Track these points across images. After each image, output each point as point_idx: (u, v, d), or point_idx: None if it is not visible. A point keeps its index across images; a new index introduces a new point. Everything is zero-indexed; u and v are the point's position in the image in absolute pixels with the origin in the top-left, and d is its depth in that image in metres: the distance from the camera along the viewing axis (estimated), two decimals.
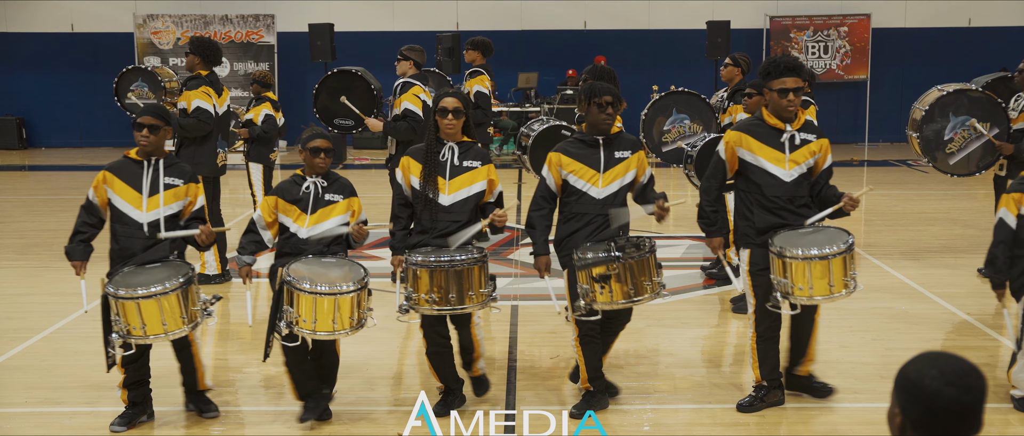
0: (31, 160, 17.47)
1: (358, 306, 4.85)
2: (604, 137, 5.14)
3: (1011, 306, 5.31)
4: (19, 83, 18.60)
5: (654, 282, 4.99)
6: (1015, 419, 5.22)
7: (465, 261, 4.90)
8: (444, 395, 5.28)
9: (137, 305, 4.68)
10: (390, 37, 16.97)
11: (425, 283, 4.89)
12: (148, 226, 4.97)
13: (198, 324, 4.89)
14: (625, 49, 17.91)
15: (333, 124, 9.21)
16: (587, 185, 5.10)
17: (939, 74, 11.90)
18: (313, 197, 5.10)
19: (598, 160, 5.11)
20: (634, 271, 4.91)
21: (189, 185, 5.09)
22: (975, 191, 12.04)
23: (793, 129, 5.09)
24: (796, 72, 5.00)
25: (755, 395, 5.30)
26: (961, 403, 2.12)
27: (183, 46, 9.68)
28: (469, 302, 4.93)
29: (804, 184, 5.13)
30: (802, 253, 4.89)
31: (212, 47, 7.98)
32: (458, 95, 5.17)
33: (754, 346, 5.26)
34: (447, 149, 5.16)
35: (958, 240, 9.63)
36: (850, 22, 17.83)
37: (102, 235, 5.20)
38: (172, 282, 4.74)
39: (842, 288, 4.97)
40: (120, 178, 5.04)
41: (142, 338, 4.74)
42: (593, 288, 4.92)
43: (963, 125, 7.99)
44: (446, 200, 5.10)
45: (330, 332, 4.83)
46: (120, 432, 5.04)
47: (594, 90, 5.10)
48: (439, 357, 5.21)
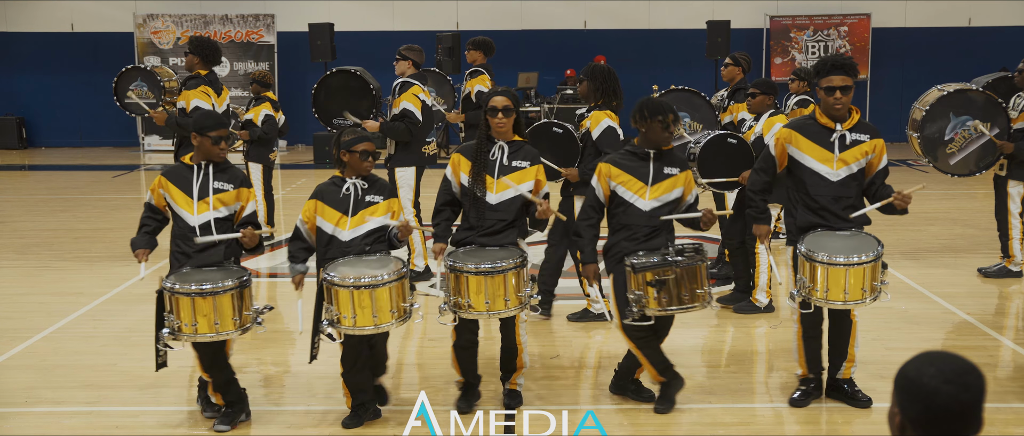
0: (31, 160, 17.47)
1: (399, 297, 4.84)
2: (655, 151, 5.17)
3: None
4: (19, 83, 18.61)
5: (705, 290, 5.02)
6: (1015, 419, 5.22)
7: (505, 266, 4.92)
8: (464, 390, 5.33)
9: (192, 301, 4.71)
10: (390, 37, 16.97)
11: (466, 288, 4.93)
12: (198, 229, 4.99)
13: (248, 329, 4.89)
14: (625, 49, 17.91)
15: (332, 124, 9.21)
16: (634, 197, 5.13)
17: (939, 74, 11.89)
18: (354, 199, 5.08)
19: (647, 173, 5.15)
20: (687, 278, 4.94)
21: (239, 190, 5.10)
22: (975, 191, 12.04)
23: (844, 129, 5.10)
24: (843, 70, 5.02)
25: (805, 389, 5.36)
26: (959, 402, 2.12)
27: (183, 46, 9.71)
28: (507, 306, 4.96)
29: (852, 185, 5.12)
30: (827, 258, 4.90)
31: (211, 47, 7.98)
32: (508, 94, 5.22)
33: (800, 342, 5.31)
34: (497, 148, 5.22)
35: (958, 240, 9.63)
36: (850, 22, 17.84)
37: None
38: (228, 283, 4.76)
39: (859, 297, 4.95)
40: (173, 182, 5.08)
41: (191, 336, 4.76)
42: (647, 293, 4.94)
43: (963, 125, 7.98)
44: (493, 199, 5.16)
45: (375, 327, 4.83)
46: (224, 432, 5.05)
47: (656, 108, 5.11)
48: (466, 352, 5.26)
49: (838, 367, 5.37)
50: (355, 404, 5.12)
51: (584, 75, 6.68)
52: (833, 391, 5.40)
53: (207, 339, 4.80)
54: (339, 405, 5.33)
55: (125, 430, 5.15)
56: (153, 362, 4.95)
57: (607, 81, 6.60)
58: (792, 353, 5.51)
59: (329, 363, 6.09)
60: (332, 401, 5.45)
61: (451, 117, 10.09)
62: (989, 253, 8.74)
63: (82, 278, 8.41)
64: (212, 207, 5.01)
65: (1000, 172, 8.04)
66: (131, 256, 5.23)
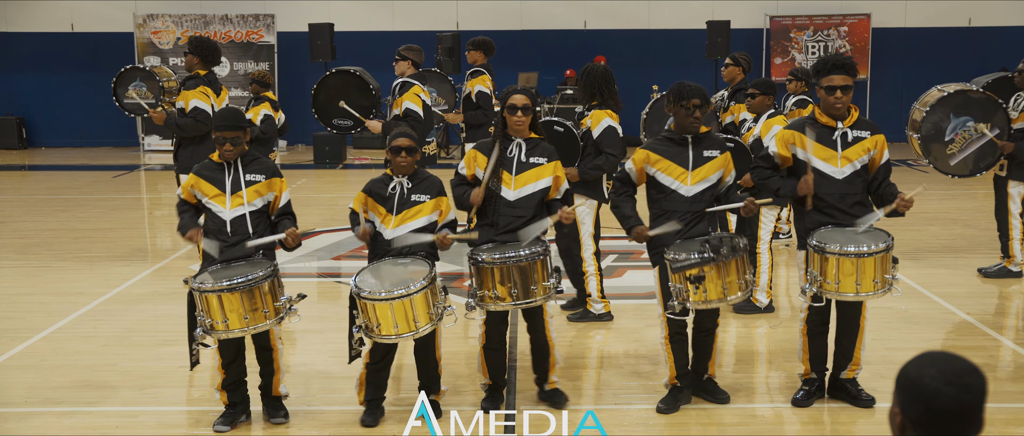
0: (31, 160, 17.47)
1: (429, 303, 4.81)
2: (693, 136, 5.18)
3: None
4: (19, 83, 18.61)
5: (745, 280, 5.05)
6: (1015, 419, 5.22)
7: (529, 256, 4.93)
8: (490, 391, 5.33)
9: (219, 298, 4.70)
10: (390, 37, 16.97)
11: (491, 280, 4.94)
12: (230, 224, 5.00)
13: (282, 318, 4.87)
14: (625, 49, 17.91)
15: (332, 124, 9.21)
16: (676, 183, 5.16)
17: (939, 74, 11.90)
18: (399, 197, 5.10)
19: (687, 158, 5.17)
20: (727, 270, 4.95)
21: (272, 180, 5.11)
22: (975, 191, 12.04)
23: (845, 126, 5.12)
24: (844, 70, 5.04)
25: (808, 389, 5.35)
26: (960, 402, 2.11)
27: (183, 46, 9.70)
28: (534, 296, 4.97)
29: (857, 182, 5.14)
30: (839, 249, 4.92)
31: (210, 47, 7.97)
32: (527, 92, 5.25)
33: (805, 341, 5.31)
34: (515, 145, 5.24)
35: (958, 240, 9.63)
36: (850, 22, 17.84)
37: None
38: (253, 276, 4.74)
39: (871, 288, 4.97)
40: (204, 179, 5.09)
41: (224, 333, 4.75)
42: (686, 287, 4.95)
43: (964, 126, 7.98)
44: (511, 195, 5.17)
45: (412, 332, 4.81)
46: (224, 432, 5.04)
47: (682, 93, 5.14)
48: (495, 353, 5.27)
49: (842, 368, 5.37)
50: (368, 398, 5.15)
51: (580, 77, 6.72)
52: (836, 391, 5.39)
53: (239, 334, 4.79)
54: (339, 405, 5.33)
55: (125, 430, 5.14)
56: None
57: (596, 83, 6.60)
58: (796, 353, 5.51)
59: (327, 363, 6.09)
60: (328, 402, 5.45)
61: (451, 117, 10.09)
62: (989, 253, 8.74)
63: (82, 278, 8.41)
64: (246, 200, 5.02)
65: (1000, 172, 8.04)
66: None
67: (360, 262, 8.97)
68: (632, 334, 6.70)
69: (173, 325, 6.98)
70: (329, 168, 15.96)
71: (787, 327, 6.84)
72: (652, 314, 6.96)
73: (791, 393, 5.45)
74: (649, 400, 5.45)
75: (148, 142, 18.20)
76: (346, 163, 16.42)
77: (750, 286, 5.13)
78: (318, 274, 8.64)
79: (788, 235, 9.72)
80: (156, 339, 6.65)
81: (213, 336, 4.81)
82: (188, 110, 7.79)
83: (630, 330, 6.80)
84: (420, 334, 4.85)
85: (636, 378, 5.82)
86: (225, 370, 5.05)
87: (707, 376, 5.42)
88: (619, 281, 8.19)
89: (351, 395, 5.58)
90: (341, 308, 7.58)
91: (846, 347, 5.33)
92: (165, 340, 6.57)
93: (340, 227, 10.29)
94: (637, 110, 10.94)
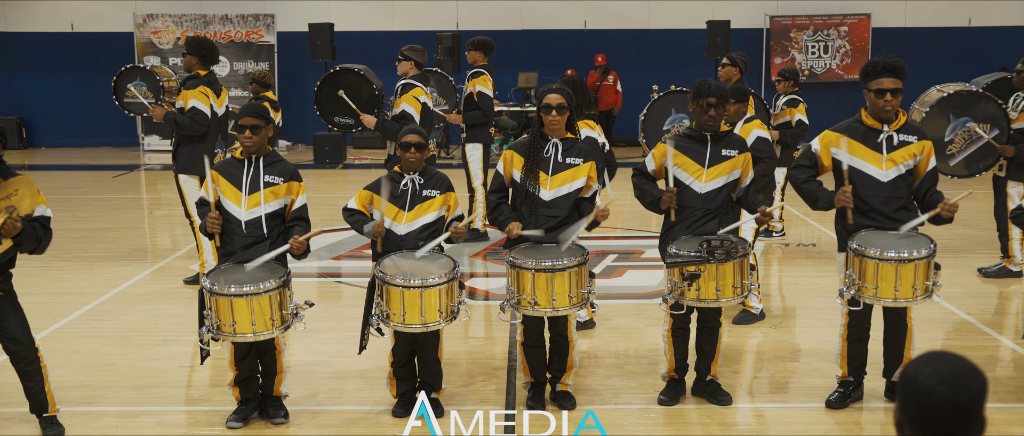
0: (31, 160, 17.46)
1: (447, 297, 4.89)
2: (713, 133, 5.19)
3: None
4: (19, 83, 18.61)
5: (742, 285, 5.03)
6: (1015, 419, 5.22)
7: (568, 264, 4.92)
8: (532, 389, 5.35)
9: (230, 302, 4.69)
10: (390, 37, 16.98)
11: (529, 285, 4.94)
12: (245, 225, 5.00)
13: (289, 326, 4.88)
14: (625, 49, 17.91)
15: (333, 122, 9.21)
16: (691, 179, 5.16)
17: (939, 74, 11.88)
18: (410, 194, 5.15)
19: (704, 156, 5.17)
20: (722, 272, 4.94)
21: (290, 183, 5.10)
22: (975, 191, 12.02)
23: (891, 129, 5.07)
24: (894, 73, 5.00)
25: (843, 391, 5.33)
26: (953, 402, 2.10)
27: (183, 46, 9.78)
28: (572, 303, 4.98)
29: (902, 186, 5.07)
30: (879, 253, 4.86)
31: (209, 47, 7.96)
32: (561, 91, 5.24)
33: (844, 346, 5.28)
34: (551, 145, 5.23)
35: (958, 240, 9.62)
36: (850, 22, 17.84)
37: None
38: (266, 284, 4.73)
39: (910, 294, 4.89)
40: (224, 176, 5.09)
41: (230, 335, 4.75)
42: (682, 284, 4.97)
43: (963, 126, 7.98)
44: (547, 195, 5.18)
45: (423, 325, 4.87)
46: (237, 428, 5.05)
47: (699, 91, 5.14)
48: (534, 351, 5.29)
49: (894, 370, 5.32)
50: (401, 392, 5.24)
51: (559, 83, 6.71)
52: (891, 394, 5.36)
53: (246, 340, 4.80)
54: (339, 405, 5.33)
55: (125, 430, 5.14)
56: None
57: (581, 92, 6.56)
58: (834, 356, 5.42)
59: (328, 363, 6.10)
60: (328, 402, 5.45)
61: (451, 118, 10.10)
62: (989, 253, 8.74)
63: (82, 278, 8.41)
64: (263, 201, 5.02)
65: (1000, 173, 8.05)
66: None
67: (360, 262, 9.01)
68: (632, 334, 6.70)
69: (173, 325, 6.99)
70: (329, 168, 15.97)
71: (787, 327, 6.85)
72: (651, 314, 6.96)
73: (791, 393, 5.45)
74: (649, 400, 5.45)
75: (148, 142, 18.20)
76: (346, 163, 16.42)
77: (747, 291, 5.11)
78: (318, 274, 8.64)
79: (782, 234, 9.73)
80: (156, 339, 6.65)
81: (220, 337, 4.81)
82: (186, 110, 7.79)
83: (630, 330, 6.80)
84: (439, 327, 4.94)
85: (636, 378, 5.82)
86: (237, 366, 5.06)
87: (710, 377, 5.41)
88: (619, 281, 8.19)
89: (351, 395, 5.60)
90: (341, 308, 7.59)
91: (896, 350, 5.29)
92: (165, 340, 6.57)
93: (340, 227, 10.28)
94: (637, 110, 10.93)
